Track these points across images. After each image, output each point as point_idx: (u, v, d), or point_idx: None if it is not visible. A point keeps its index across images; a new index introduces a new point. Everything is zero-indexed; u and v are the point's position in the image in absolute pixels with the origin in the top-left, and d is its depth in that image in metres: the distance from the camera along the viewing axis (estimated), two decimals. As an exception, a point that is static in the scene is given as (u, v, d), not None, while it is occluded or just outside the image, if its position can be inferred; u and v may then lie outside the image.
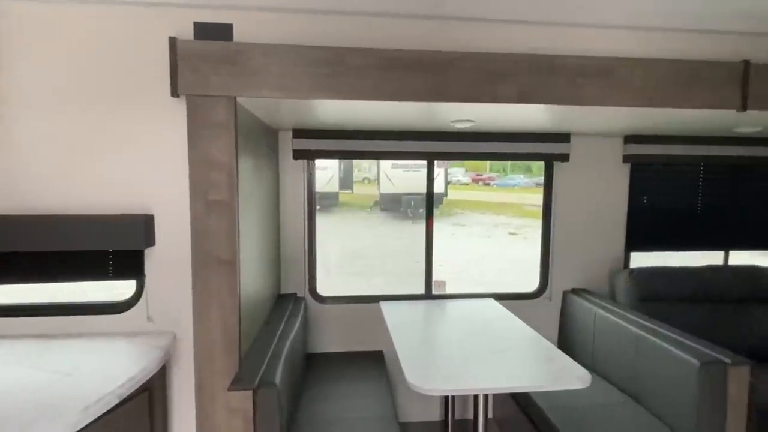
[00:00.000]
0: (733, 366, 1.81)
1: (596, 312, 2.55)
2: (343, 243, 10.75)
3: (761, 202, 3.08)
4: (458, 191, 19.69)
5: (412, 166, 12.75)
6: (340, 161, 13.11)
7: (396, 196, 13.57)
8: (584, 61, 1.74)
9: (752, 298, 2.73)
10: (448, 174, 18.28)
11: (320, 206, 13.01)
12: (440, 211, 15.07)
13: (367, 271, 8.87)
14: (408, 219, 13.17)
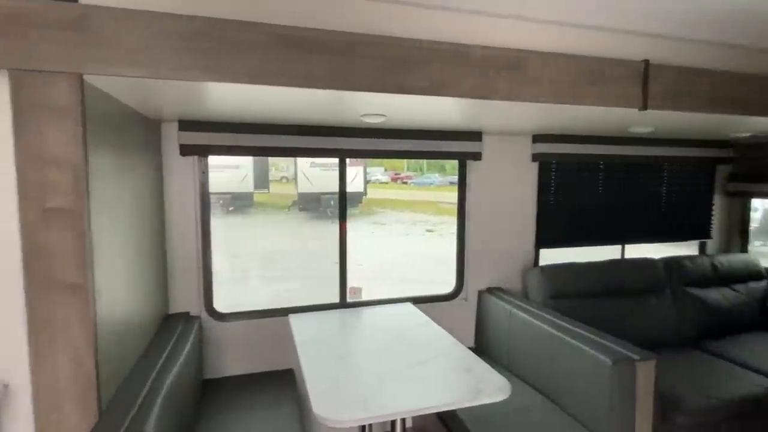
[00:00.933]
0: (641, 362, 1.85)
1: (511, 311, 2.53)
2: (259, 246, 10.15)
3: (652, 199, 3.32)
4: (378, 190, 19.82)
5: (331, 165, 12.43)
6: (254, 159, 12.39)
7: (315, 195, 13.20)
8: (496, 53, 1.64)
9: (646, 289, 2.91)
10: (368, 173, 18.30)
11: (233, 207, 12.18)
12: (360, 210, 14.97)
13: (286, 276, 8.43)
14: (328, 219, 12.87)
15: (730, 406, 2.14)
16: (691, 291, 2.98)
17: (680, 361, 2.56)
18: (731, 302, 3.02)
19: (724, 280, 3.10)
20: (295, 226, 12.84)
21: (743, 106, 2.01)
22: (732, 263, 3.16)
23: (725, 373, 2.45)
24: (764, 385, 2.30)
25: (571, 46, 1.74)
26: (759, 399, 2.21)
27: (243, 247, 9.68)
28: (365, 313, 2.59)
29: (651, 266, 2.97)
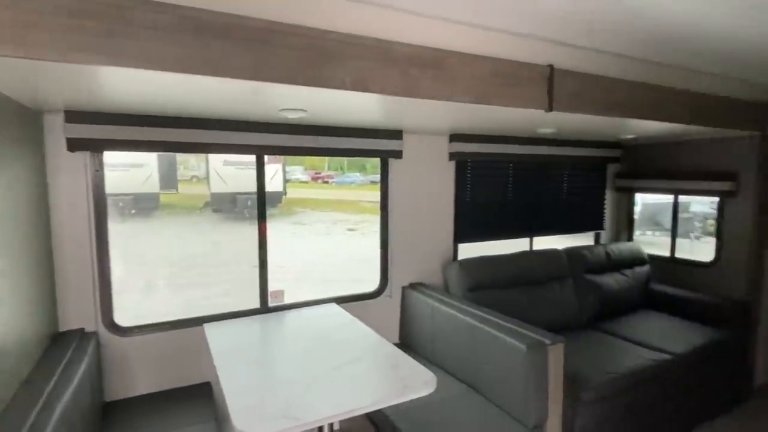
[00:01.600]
0: (552, 345, 1.99)
1: (433, 305, 2.59)
2: (170, 251, 9.36)
3: (555, 195, 3.62)
4: (298, 189, 19.41)
5: (247, 164, 11.87)
6: (160, 157, 11.41)
7: (230, 195, 12.52)
8: (418, 51, 1.65)
9: (552, 277, 3.16)
10: (287, 172, 17.82)
11: (136, 210, 11.10)
12: (279, 210, 14.52)
13: (201, 282, 7.87)
14: (246, 220, 12.28)
15: (624, 378, 2.40)
16: (590, 277, 3.30)
17: (581, 342, 2.82)
18: (622, 286, 3.40)
19: (616, 266, 3.49)
20: (209, 228, 12.08)
21: (633, 110, 2.25)
22: (622, 251, 3.56)
23: (619, 349, 2.75)
24: (650, 357, 2.61)
25: (486, 48, 1.81)
26: (646, 369, 2.51)
27: (151, 253, 8.87)
28: (288, 316, 2.49)
29: (556, 256, 3.23)
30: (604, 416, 2.35)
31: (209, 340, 2.07)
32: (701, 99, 2.55)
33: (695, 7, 1.63)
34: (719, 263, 3.34)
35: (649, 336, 2.91)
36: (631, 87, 2.22)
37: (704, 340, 2.85)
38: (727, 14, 1.69)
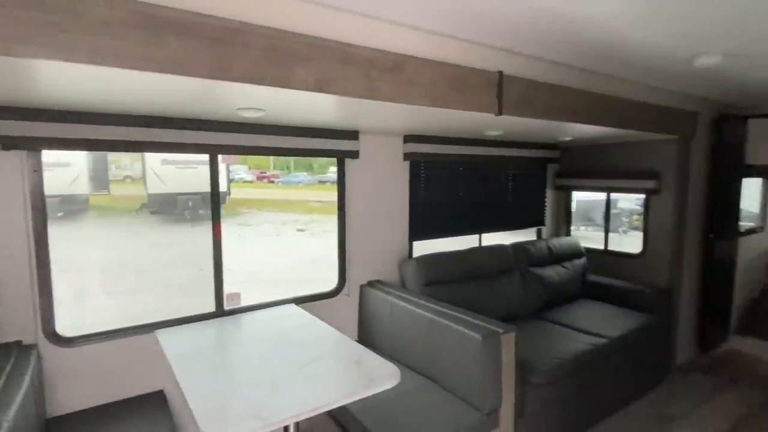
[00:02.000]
0: (505, 334, 2.12)
1: (391, 302, 2.66)
2: (104, 256, 8.76)
3: (501, 193, 3.82)
4: (242, 189, 18.83)
5: (189, 162, 11.35)
6: (90, 156, 10.63)
7: (169, 196, 11.88)
8: (379, 54, 1.71)
9: (500, 271, 3.34)
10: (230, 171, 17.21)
11: (63, 213, 10.27)
12: (225, 210, 14.00)
13: (141, 288, 7.43)
14: (187, 222, 11.73)
15: (568, 362, 2.60)
16: (534, 270, 3.53)
17: (529, 330, 3.01)
18: (562, 277, 3.66)
19: (557, 259, 3.75)
20: (147, 231, 11.42)
21: (572, 114, 2.45)
22: (562, 245, 3.83)
23: (562, 336, 2.96)
24: (589, 341, 2.85)
25: (441, 54, 1.90)
26: (587, 353, 2.73)
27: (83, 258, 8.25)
28: (246, 319, 2.45)
29: (503, 251, 3.42)
30: (552, 398, 2.53)
31: (164, 347, 2.00)
32: (630, 105, 2.81)
33: (624, 24, 1.81)
34: (646, 254, 3.69)
35: (588, 323, 3.17)
36: (570, 93, 2.41)
37: (634, 325, 3.15)
38: (649, 31, 1.90)
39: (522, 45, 2.07)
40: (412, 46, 1.81)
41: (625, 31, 1.89)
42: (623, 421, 2.97)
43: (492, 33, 1.90)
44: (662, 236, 3.58)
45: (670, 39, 1.99)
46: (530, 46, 2.09)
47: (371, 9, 1.63)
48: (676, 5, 1.61)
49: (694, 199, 3.71)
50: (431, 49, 1.87)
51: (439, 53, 1.89)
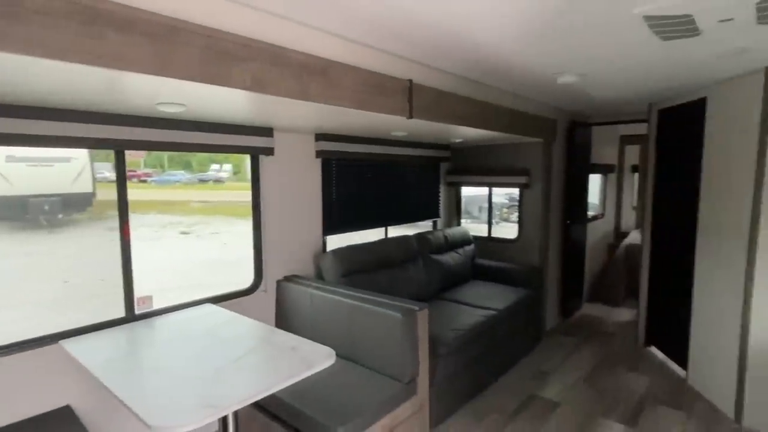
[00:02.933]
0: (420, 311, 2.40)
1: (311, 293, 2.78)
2: (-75, 273, 7.14)
3: (402, 189, 4.16)
4: (108, 190, 16.69)
5: (45, 160, 9.78)
6: None
7: (18, 199, 10.11)
8: (309, 59, 1.83)
9: (405, 259, 3.67)
10: (94, 169, 15.16)
11: None
12: (89, 214, 12.34)
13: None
14: (43, 228, 10.11)
15: (467, 333, 3.01)
16: (434, 257, 3.93)
17: (433, 310, 3.35)
18: (457, 262, 4.14)
19: (452, 246, 4.22)
20: (-13, 241, 9.58)
21: (466, 119, 2.83)
22: (455, 234, 4.32)
23: (459, 312, 3.39)
24: (482, 314, 3.31)
25: (361, 61, 2.10)
26: (480, 324, 3.18)
27: None
28: (163, 321, 2.36)
29: (408, 241, 3.75)
30: (456, 365, 2.91)
31: (76, 356, 1.86)
32: (508, 113, 3.33)
33: (508, 48, 2.21)
34: (521, 239, 4.36)
35: (479, 299, 3.66)
36: (465, 101, 2.80)
37: (515, 298, 3.73)
38: (526, 54, 2.34)
39: (429, 58, 2.36)
40: (338, 52, 1.97)
41: (509, 53, 2.30)
42: (512, 378, 3.52)
43: (404, 46, 2.16)
44: (533, 223, 4.27)
45: (541, 61, 2.46)
46: (436, 60, 2.40)
47: (302, 16, 1.76)
48: (545, 37, 2.03)
49: (556, 191, 4.48)
50: (353, 56, 2.05)
51: (360, 60, 2.09)
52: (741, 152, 2.84)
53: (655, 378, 3.55)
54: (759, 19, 1.77)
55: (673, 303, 3.69)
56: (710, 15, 1.72)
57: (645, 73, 2.77)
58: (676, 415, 3.01)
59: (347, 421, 2.02)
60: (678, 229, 3.59)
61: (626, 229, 6.90)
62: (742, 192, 2.83)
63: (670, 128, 3.82)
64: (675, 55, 2.36)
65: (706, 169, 3.23)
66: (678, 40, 2.05)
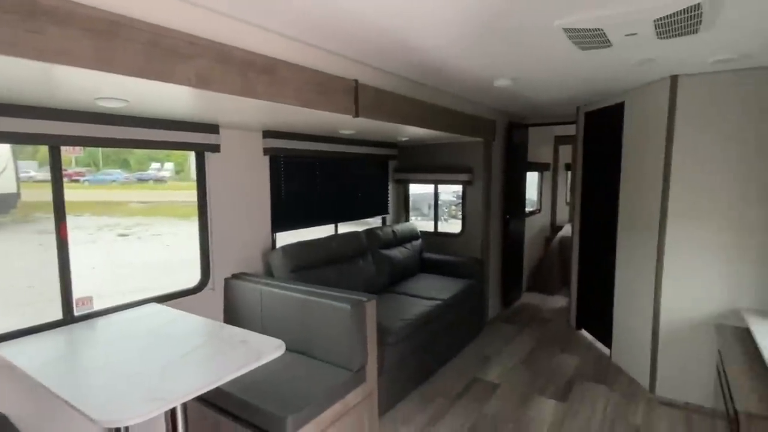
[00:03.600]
0: (368, 302, 2.51)
1: (261, 289, 2.81)
2: None
3: (352, 186, 4.25)
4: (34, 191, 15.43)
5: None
6: None
7: None
8: (255, 57, 1.88)
9: (355, 254, 3.77)
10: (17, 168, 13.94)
11: None
12: (12, 216, 11.36)
13: None
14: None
15: (413, 322, 3.16)
16: (383, 252, 4.06)
17: (382, 302, 3.50)
18: (405, 256, 4.29)
19: (400, 241, 4.37)
20: None
21: (409, 119, 2.97)
22: (403, 230, 4.47)
23: (407, 303, 3.54)
24: (428, 304, 3.48)
25: (308, 60, 2.16)
26: (426, 314, 3.34)
27: None
28: (105, 322, 2.30)
29: (357, 237, 3.85)
30: (404, 353, 3.05)
31: (12, 361, 1.79)
32: (450, 113, 3.52)
33: (447, 52, 2.36)
34: (465, 233, 4.59)
35: (426, 291, 3.83)
36: (409, 101, 2.94)
37: (459, 289, 3.94)
38: (464, 58, 2.51)
39: (374, 59, 2.47)
40: (283, 51, 2.03)
41: (449, 57, 2.46)
42: (457, 364, 3.72)
43: (350, 47, 2.25)
44: (475, 218, 4.51)
45: (478, 64, 2.64)
46: (380, 61, 2.51)
47: (246, 14, 1.80)
48: (480, 43, 2.20)
49: (496, 188, 4.76)
50: (299, 56, 2.11)
51: (306, 60, 2.15)
52: (652, 152, 3.20)
53: (584, 357, 3.89)
54: (658, 35, 2.04)
55: (599, 290, 4.06)
56: (618, 30, 1.95)
57: (571, 78, 3.04)
58: (601, 389, 3.33)
59: (298, 409, 2.09)
60: (602, 223, 3.95)
61: (561, 223, 7.41)
62: (654, 189, 3.18)
63: (594, 130, 4.19)
64: (594, 63, 2.62)
65: (624, 168, 3.59)
66: (594, 50, 2.29)
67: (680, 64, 2.71)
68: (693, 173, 2.98)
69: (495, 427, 2.84)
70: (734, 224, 2.87)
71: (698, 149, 2.95)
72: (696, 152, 2.96)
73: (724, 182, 2.89)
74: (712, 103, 2.89)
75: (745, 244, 2.85)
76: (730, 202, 2.88)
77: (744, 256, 2.86)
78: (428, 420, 2.92)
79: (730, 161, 2.86)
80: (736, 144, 2.84)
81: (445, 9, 1.75)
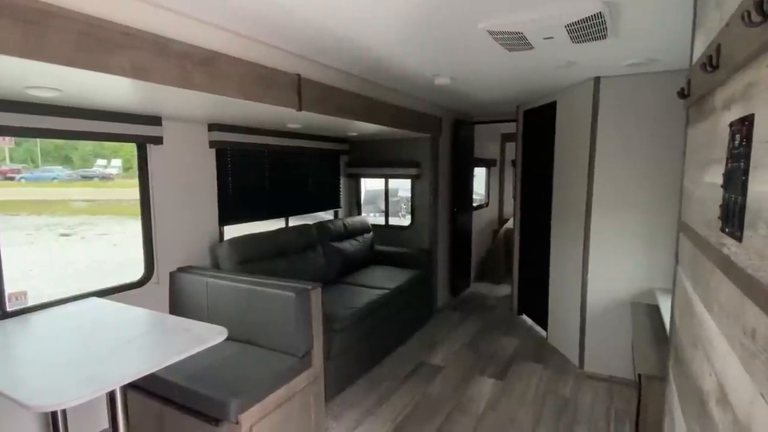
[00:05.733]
0: (312, 290, 2.59)
1: (207, 281, 2.83)
2: None
3: (303, 180, 4.31)
4: (-40, 188, 14.29)
5: None
6: None
7: None
8: (193, 49, 1.92)
9: (305, 247, 3.84)
10: (-58, 165, 12.85)
11: None
12: (-63, 217, 10.47)
13: None
14: None
15: (361, 310, 3.28)
16: (334, 244, 4.15)
17: (332, 292, 3.60)
18: (356, 248, 4.40)
19: (351, 234, 4.47)
20: None
21: (356, 114, 3.08)
22: (354, 223, 4.58)
23: (356, 293, 3.65)
24: (376, 293, 3.61)
25: (249, 53, 2.22)
26: (374, 302, 3.47)
27: None
28: (40, 316, 2.26)
29: (308, 230, 3.92)
30: (350, 339, 3.16)
31: None
32: (396, 109, 3.65)
33: (389, 50, 2.49)
34: (414, 225, 4.76)
35: (375, 281, 3.97)
36: (355, 97, 3.04)
37: (407, 278, 4.10)
38: (405, 56, 2.64)
39: (316, 54, 2.55)
40: (224, 44, 2.08)
41: (390, 54, 2.58)
42: (405, 350, 3.88)
43: (290, 42, 2.32)
44: (424, 211, 4.69)
45: (417, 62, 2.79)
46: (323, 56, 2.60)
47: (183, 6, 1.84)
48: (416, 42, 2.34)
49: (443, 182, 4.96)
50: (240, 49, 2.17)
51: (248, 53, 2.21)
52: (580, 148, 3.48)
53: (523, 340, 4.16)
54: (572, 39, 2.25)
55: (536, 277, 4.35)
56: (536, 33, 2.15)
57: (506, 78, 3.26)
58: (536, 367, 3.59)
59: (242, 393, 2.15)
60: (539, 214, 4.23)
61: (508, 216, 7.77)
62: (580, 181, 3.47)
63: (532, 127, 4.47)
64: (524, 64, 2.83)
65: (557, 162, 3.87)
66: (520, 51, 2.49)
67: (599, 67, 2.97)
68: (612, 167, 3.27)
69: (437, 406, 3.01)
70: (648, 212, 3.19)
71: (617, 145, 3.25)
72: (615, 148, 3.26)
73: (637, 175, 3.20)
74: (628, 103, 3.19)
75: (657, 230, 3.17)
76: (643, 192, 3.19)
77: (657, 241, 3.18)
78: (374, 403, 3.05)
79: (642, 156, 3.17)
80: (647, 140, 3.15)
81: (377, 6, 1.87)
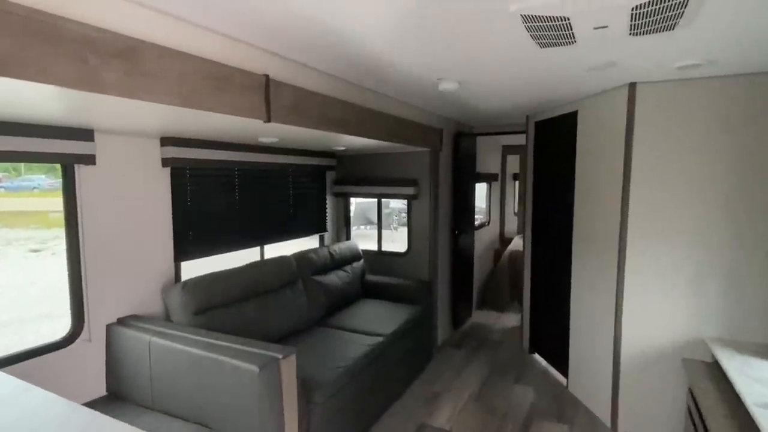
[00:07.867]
0: (284, 359, 1.97)
1: (150, 341, 2.19)
2: None
3: (282, 201, 3.69)
4: None
5: None
6: None
7: None
8: (102, 34, 1.31)
9: (283, 284, 3.20)
10: None
11: None
12: None
13: None
14: None
15: (349, 368, 2.64)
16: (317, 278, 3.52)
17: (312, 342, 2.96)
18: (344, 281, 3.77)
19: (338, 264, 3.85)
20: None
21: (343, 126, 2.48)
22: (342, 250, 3.96)
23: (343, 341, 3.01)
24: (368, 342, 2.98)
25: (195, 45, 1.62)
26: (367, 355, 2.84)
27: None
28: None
29: (285, 263, 3.28)
30: (336, 409, 2.52)
31: None
32: (392, 120, 3.06)
33: (382, 45, 1.90)
34: (411, 252, 4.15)
35: (367, 323, 3.33)
36: (341, 105, 2.45)
37: (405, 319, 3.47)
38: (403, 54, 2.06)
39: (293, 50, 1.95)
40: (155, 31, 1.47)
41: (384, 51, 2.00)
42: (402, 407, 3.24)
43: (255, 33, 1.73)
44: (422, 235, 4.09)
45: (421, 62, 2.21)
46: (302, 54, 2.01)
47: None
48: (422, 37, 1.76)
49: (444, 201, 4.37)
50: (181, 39, 1.56)
51: (192, 45, 1.60)
52: (609, 167, 2.92)
53: (539, 389, 3.55)
54: (631, 29, 1.69)
55: (553, 311, 3.76)
56: (586, 19, 1.58)
57: (522, 83, 2.69)
58: (561, 429, 2.98)
59: None
60: (556, 237, 3.66)
61: (509, 234, 7.21)
62: (612, 204, 2.90)
63: (546, 140, 3.91)
64: (550, 65, 2.26)
65: (579, 181, 3.30)
66: (554, 48, 1.92)
67: (641, 71, 2.42)
68: (653, 190, 2.71)
69: (445, 492, 2.39)
70: (698, 245, 2.63)
71: (657, 165, 2.69)
72: (655, 169, 2.70)
73: (686, 200, 2.64)
74: (673, 114, 2.64)
75: (709, 267, 2.61)
76: (693, 221, 2.63)
77: (705, 281, 2.62)
78: (366, 488, 2.42)
79: (693, 177, 2.62)
80: (699, 158, 2.60)
81: (371, -21, 1.29)
